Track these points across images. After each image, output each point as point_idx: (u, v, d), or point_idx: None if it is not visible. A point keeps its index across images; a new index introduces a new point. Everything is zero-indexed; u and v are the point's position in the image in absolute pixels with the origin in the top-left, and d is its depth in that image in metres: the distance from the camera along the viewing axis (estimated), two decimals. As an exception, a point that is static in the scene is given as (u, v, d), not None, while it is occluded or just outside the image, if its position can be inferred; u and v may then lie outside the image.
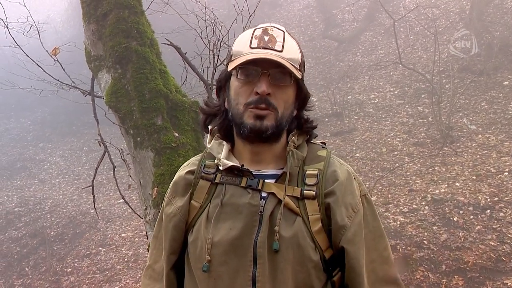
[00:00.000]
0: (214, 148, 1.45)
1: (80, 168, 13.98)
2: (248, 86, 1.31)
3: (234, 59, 1.33)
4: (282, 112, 1.32)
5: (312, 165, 1.39)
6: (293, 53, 1.32)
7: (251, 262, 1.28)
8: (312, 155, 1.42)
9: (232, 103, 1.35)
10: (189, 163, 1.53)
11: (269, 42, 1.30)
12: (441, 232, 6.23)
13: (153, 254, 1.55)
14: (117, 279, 8.21)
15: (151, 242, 1.58)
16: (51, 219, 10.92)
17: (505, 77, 9.91)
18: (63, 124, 17.08)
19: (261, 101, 1.28)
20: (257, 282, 1.26)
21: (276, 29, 1.33)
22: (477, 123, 9.02)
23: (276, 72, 1.29)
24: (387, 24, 13.99)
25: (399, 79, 11.92)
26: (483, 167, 7.47)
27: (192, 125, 3.13)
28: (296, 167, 1.36)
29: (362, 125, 10.76)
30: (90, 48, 3.20)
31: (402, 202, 7.25)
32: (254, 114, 1.29)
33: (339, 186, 1.34)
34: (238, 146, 1.44)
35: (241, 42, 1.35)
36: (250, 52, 1.29)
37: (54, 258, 9.38)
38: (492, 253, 5.62)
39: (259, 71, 1.28)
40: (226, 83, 1.41)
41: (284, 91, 1.32)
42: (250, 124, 1.30)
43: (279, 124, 1.32)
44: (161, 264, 1.48)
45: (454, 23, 12.60)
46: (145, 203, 3.03)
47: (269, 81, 1.28)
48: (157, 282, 1.49)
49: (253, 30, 1.35)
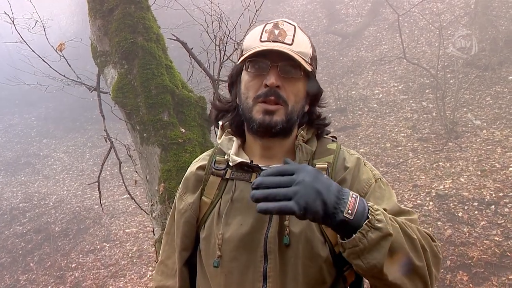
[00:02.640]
0: (224, 144, 1.45)
1: (84, 164, 14.02)
2: (258, 80, 1.30)
3: (244, 53, 1.32)
4: (292, 106, 1.31)
5: (322, 158, 1.39)
6: (304, 47, 1.32)
7: (261, 258, 1.28)
8: (322, 148, 1.42)
9: (242, 97, 1.35)
10: (200, 159, 1.53)
11: (279, 36, 1.29)
12: (445, 228, 6.21)
13: (165, 250, 1.55)
14: (121, 274, 8.24)
15: (163, 238, 1.58)
16: (56, 215, 10.96)
17: (510, 72, 9.85)
18: (67, 120, 17.12)
19: (271, 93, 1.27)
20: (268, 278, 1.26)
21: (287, 23, 1.33)
22: (481, 118, 8.99)
23: (285, 64, 1.28)
24: (391, 19, 13.95)
25: (403, 74, 11.88)
26: (487, 163, 7.44)
27: (199, 120, 3.13)
28: (305, 161, 1.36)
29: (366, 120, 10.74)
30: (96, 43, 3.20)
31: (407, 197, 7.24)
32: (263, 109, 1.29)
33: (348, 174, 1.34)
34: (249, 141, 1.43)
35: (252, 36, 1.35)
36: (260, 45, 1.29)
37: (58, 254, 9.43)
38: (497, 249, 5.60)
39: (268, 63, 1.28)
40: (238, 78, 1.41)
41: (294, 84, 1.31)
42: (259, 119, 1.29)
43: (289, 119, 1.31)
44: (174, 260, 1.48)
45: (459, 17, 12.54)
46: (151, 199, 3.03)
47: (278, 74, 1.28)
48: (169, 278, 1.50)
49: (264, 25, 1.35)
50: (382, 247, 1.06)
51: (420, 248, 1.15)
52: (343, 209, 1.04)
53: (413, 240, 1.14)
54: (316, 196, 1.01)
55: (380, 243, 1.06)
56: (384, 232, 1.06)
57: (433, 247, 1.22)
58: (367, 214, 1.06)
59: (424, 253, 1.16)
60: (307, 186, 1.01)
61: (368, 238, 1.05)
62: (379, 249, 1.06)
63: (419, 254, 1.14)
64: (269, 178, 1.04)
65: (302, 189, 1.01)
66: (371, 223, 1.05)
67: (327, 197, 1.02)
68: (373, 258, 1.07)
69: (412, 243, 1.14)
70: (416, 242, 1.14)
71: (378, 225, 1.06)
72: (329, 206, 1.02)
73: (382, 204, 1.27)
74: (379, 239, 1.06)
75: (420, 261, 1.14)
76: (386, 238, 1.06)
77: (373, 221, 1.05)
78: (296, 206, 0.99)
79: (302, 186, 1.01)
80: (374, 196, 1.31)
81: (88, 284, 8.23)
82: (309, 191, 1.01)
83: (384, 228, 1.06)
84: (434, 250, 1.21)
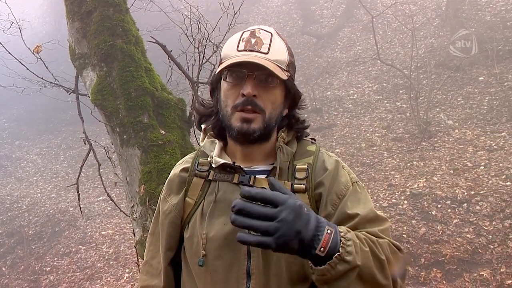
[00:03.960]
0: (207, 147, 1.48)
1: (58, 166, 13.82)
2: (236, 89, 1.34)
3: (223, 61, 1.36)
4: (270, 113, 1.35)
5: (302, 159, 1.43)
6: (280, 54, 1.35)
7: (245, 256, 1.32)
8: (302, 150, 1.46)
9: (222, 104, 1.39)
10: (183, 161, 1.57)
11: (256, 45, 1.33)
12: (419, 226, 6.34)
13: (150, 250, 1.58)
14: (98, 277, 8.16)
15: (148, 239, 1.61)
16: (29, 218, 10.77)
17: (480, 73, 10.10)
18: (40, 121, 16.85)
19: (247, 102, 1.31)
20: (252, 275, 1.31)
21: (264, 31, 1.36)
22: (453, 118, 9.19)
23: (261, 74, 1.31)
24: (365, 20, 14.13)
25: (377, 75, 12.06)
26: (460, 162, 7.62)
27: (178, 122, 3.14)
28: (286, 162, 1.40)
29: (341, 120, 10.86)
30: (74, 45, 3.18)
31: (382, 196, 7.35)
32: (241, 117, 1.32)
33: (327, 176, 1.38)
34: (231, 145, 1.47)
35: (229, 45, 1.38)
36: (236, 55, 1.32)
37: (32, 257, 9.27)
38: (469, 246, 5.75)
39: (245, 73, 1.31)
40: (218, 85, 1.44)
41: (270, 92, 1.34)
42: (237, 127, 1.33)
43: (267, 126, 1.35)
44: (159, 260, 1.52)
45: (431, 19, 12.80)
46: (131, 201, 3.03)
47: (255, 83, 1.31)
48: (154, 278, 1.53)
49: (241, 33, 1.38)
50: (349, 277, 1.12)
51: (387, 267, 1.21)
52: (316, 246, 1.08)
53: (381, 261, 1.19)
54: (295, 236, 1.05)
55: (347, 273, 1.12)
56: (352, 265, 1.11)
57: (400, 260, 1.28)
58: (339, 247, 1.10)
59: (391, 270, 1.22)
60: (289, 225, 1.04)
61: (336, 270, 1.10)
62: (345, 279, 1.12)
63: (385, 274, 1.19)
64: (251, 207, 1.05)
65: (284, 228, 1.04)
66: (341, 256, 1.10)
67: (304, 236, 1.06)
68: (339, 285, 1.13)
69: (380, 264, 1.19)
70: (384, 262, 1.20)
71: (347, 258, 1.10)
72: (305, 244, 1.06)
73: (358, 208, 1.33)
74: (347, 271, 1.11)
75: (386, 279, 1.20)
76: (354, 269, 1.12)
77: (343, 254, 1.10)
78: (274, 244, 1.03)
79: (284, 225, 1.04)
80: (351, 199, 1.35)
81: (64, 287, 8.14)
82: (289, 232, 1.04)
83: (352, 261, 1.11)
84: (401, 263, 1.27)
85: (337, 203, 1.34)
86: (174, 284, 1.53)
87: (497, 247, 5.61)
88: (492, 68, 9.80)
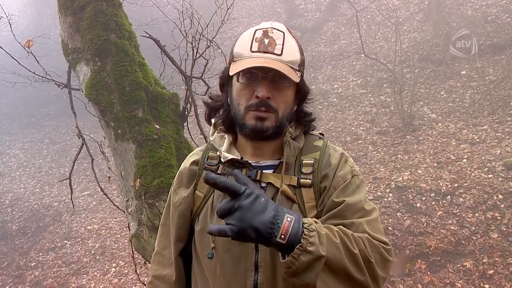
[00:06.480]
0: (216, 141, 1.52)
1: (41, 161, 13.66)
2: (249, 89, 1.36)
3: (236, 60, 1.38)
4: (283, 112, 1.39)
5: (308, 154, 1.46)
6: (292, 55, 1.39)
7: (253, 249, 1.36)
8: (309, 145, 1.50)
9: (234, 103, 1.42)
10: (194, 154, 1.60)
11: (269, 46, 1.35)
12: (404, 218, 6.44)
13: (161, 241, 1.61)
14: (84, 272, 8.14)
15: (159, 229, 1.64)
16: (12, 213, 10.66)
17: (462, 67, 10.25)
18: (22, 115, 16.61)
19: (261, 104, 1.34)
20: (260, 267, 1.35)
21: (276, 30, 1.38)
22: (437, 112, 9.32)
23: (275, 75, 1.34)
24: (349, 15, 14.21)
25: (361, 69, 12.14)
26: (443, 155, 7.74)
27: (172, 117, 3.16)
28: (293, 156, 1.44)
29: (326, 114, 10.93)
30: (67, 40, 3.17)
31: (367, 190, 7.43)
32: (255, 116, 1.36)
33: (331, 170, 1.42)
34: (241, 140, 1.50)
35: (242, 43, 1.40)
36: (250, 55, 1.35)
37: (16, 253, 9.20)
38: (453, 237, 5.87)
39: (259, 75, 1.34)
40: (229, 81, 1.47)
41: (284, 93, 1.38)
42: (251, 125, 1.37)
43: (280, 124, 1.39)
44: (170, 250, 1.56)
45: (414, 13, 12.93)
46: (126, 195, 3.04)
47: (268, 85, 1.34)
48: (166, 268, 1.56)
49: (254, 31, 1.39)
50: (315, 267, 1.14)
51: (363, 261, 1.22)
52: (276, 234, 1.11)
53: (354, 255, 1.21)
54: (249, 224, 1.09)
55: (313, 264, 1.14)
56: (315, 255, 1.13)
57: (383, 253, 1.29)
58: (300, 237, 1.13)
59: (368, 265, 1.23)
60: (242, 214, 1.10)
61: (300, 261, 1.12)
62: (311, 270, 1.14)
63: (360, 268, 1.21)
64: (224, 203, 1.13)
65: (237, 216, 1.10)
66: (303, 247, 1.12)
67: (260, 224, 1.10)
68: (306, 277, 1.15)
69: (353, 258, 1.21)
70: (358, 256, 1.21)
71: (309, 249, 1.12)
72: (262, 232, 1.10)
73: (346, 196, 1.36)
74: (311, 261, 1.13)
75: (362, 274, 1.22)
76: (319, 259, 1.14)
77: (305, 245, 1.12)
78: (230, 231, 1.09)
79: (238, 213, 1.10)
80: (342, 188, 1.39)
81: (49, 282, 8.09)
82: (243, 220, 1.09)
83: (315, 252, 1.13)
84: (383, 256, 1.28)
85: (332, 193, 1.38)
86: (184, 274, 1.56)
87: (480, 238, 5.74)
88: (474, 62, 9.96)
